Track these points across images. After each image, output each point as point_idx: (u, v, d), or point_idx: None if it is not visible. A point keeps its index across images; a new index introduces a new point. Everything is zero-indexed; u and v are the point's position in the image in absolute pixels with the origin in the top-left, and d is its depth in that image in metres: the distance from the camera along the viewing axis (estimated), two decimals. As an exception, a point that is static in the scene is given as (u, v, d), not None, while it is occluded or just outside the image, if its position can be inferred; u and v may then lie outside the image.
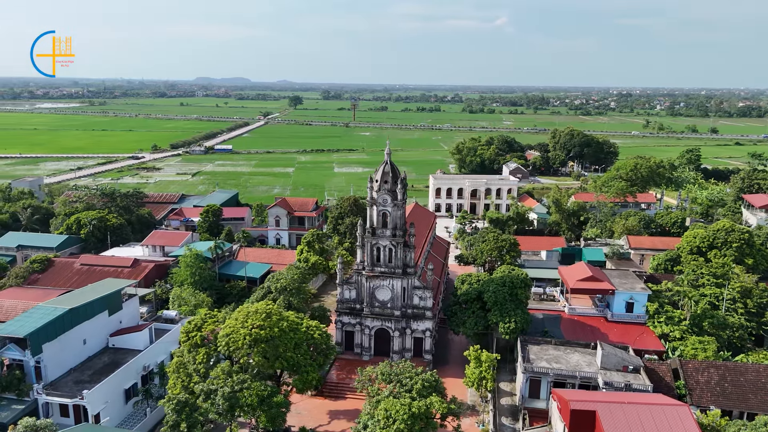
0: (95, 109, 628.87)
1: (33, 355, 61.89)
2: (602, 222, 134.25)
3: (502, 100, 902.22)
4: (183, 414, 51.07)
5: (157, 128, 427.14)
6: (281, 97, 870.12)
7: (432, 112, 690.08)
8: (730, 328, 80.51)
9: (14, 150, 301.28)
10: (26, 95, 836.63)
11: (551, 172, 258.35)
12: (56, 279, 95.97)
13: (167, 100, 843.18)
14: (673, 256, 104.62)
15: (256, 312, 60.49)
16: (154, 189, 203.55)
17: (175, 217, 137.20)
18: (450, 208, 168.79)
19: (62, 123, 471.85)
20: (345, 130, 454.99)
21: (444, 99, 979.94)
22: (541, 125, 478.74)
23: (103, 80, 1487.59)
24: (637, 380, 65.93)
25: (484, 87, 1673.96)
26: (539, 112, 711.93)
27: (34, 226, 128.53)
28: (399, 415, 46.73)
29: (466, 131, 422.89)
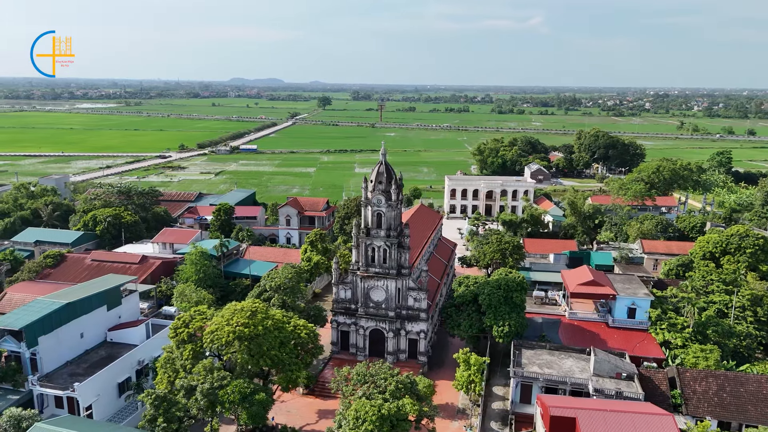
0: (130, 109, 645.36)
1: (28, 347, 63.80)
2: (617, 225, 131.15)
3: (533, 101, 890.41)
4: (161, 409, 51.91)
5: (187, 128, 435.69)
6: (311, 98, 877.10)
7: (460, 112, 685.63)
8: (737, 337, 77.74)
9: (49, 148, 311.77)
10: (66, 96, 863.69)
11: (575, 174, 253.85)
12: (67, 274, 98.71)
13: (200, 100, 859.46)
14: (686, 261, 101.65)
15: (241, 310, 61.06)
16: (177, 187, 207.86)
17: (189, 215, 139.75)
18: (465, 209, 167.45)
19: (97, 123, 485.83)
20: (370, 130, 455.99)
21: (474, 99, 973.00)
22: (570, 126, 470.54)
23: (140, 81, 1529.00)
24: (629, 388, 64.26)
25: (516, 87, 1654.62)
26: (570, 113, 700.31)
27: (54, 223, 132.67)
28: (368, 416, 46.60)
29: (493, 132, 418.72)
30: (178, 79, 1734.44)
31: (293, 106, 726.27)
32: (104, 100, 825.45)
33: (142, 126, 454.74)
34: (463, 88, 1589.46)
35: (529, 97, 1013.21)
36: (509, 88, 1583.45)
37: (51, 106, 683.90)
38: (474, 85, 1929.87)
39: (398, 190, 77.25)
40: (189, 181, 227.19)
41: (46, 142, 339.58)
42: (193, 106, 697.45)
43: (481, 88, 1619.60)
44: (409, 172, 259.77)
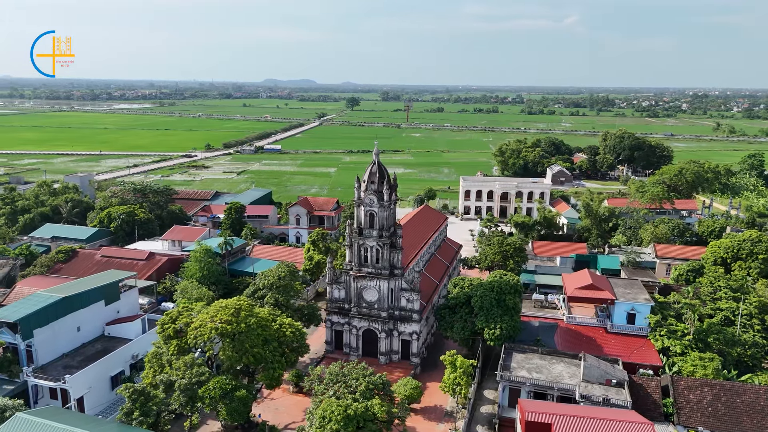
0: (164, 109, 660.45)
1: (24, 339, 65.81)
2: (631, 229, 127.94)
3: (564, 102, 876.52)
4: (138, 402, 52.92)
5: (216, 128, 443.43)
6: (341, 99, 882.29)
7: (489, 113, 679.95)
8: (742, 346, 74.94)
9: (81, 147, 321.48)
10: (104, 96, 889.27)
11: (599, 176, 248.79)
12: (77, 269, 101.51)
13: (232, 101, 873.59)
14: (696, 266, 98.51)
15: (225, 307, 61.79)
16: (200, 186, 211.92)
17: (202, 213, 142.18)
18: (479, 210, 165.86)
19: (131, 123, 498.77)
20: (396, 131, 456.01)
21: (504, 100, 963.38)
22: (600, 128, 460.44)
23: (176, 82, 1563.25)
24: (618, 395, 62.60)
25: (550, 88, 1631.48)
26: (602, 114, 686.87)
27: (73, 219, 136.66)
28: (333, 416, 46.59)
29: (520, 133, 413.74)
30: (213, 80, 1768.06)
31: (322, 107, 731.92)
32: (140, 100, 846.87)
33: (172, 126, 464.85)
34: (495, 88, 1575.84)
35: (561, 97, 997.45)
36: (542, 89, 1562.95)
37: (90, 107, 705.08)
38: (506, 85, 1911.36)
39: (391, 191, 76.98)
40: (211, 180, 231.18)
41: (80, 141, 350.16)
42: (224, 107, 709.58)
43: (514, 88, 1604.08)
44: (430, 173, 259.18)
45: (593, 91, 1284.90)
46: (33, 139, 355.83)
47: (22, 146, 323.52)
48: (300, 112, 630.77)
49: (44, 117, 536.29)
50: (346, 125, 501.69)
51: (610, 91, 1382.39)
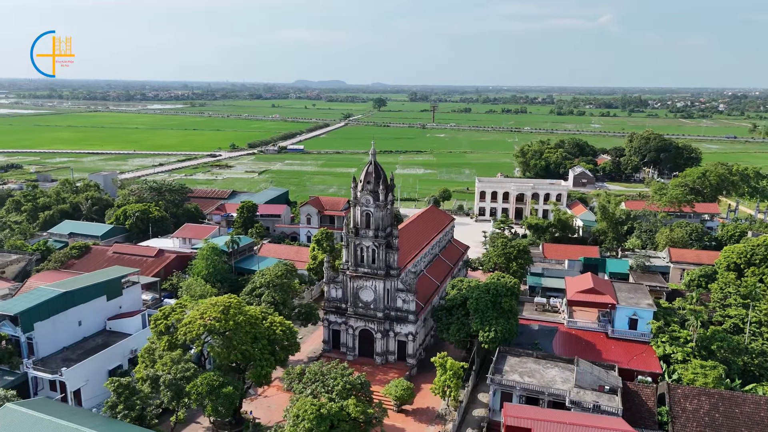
0: (194, 110, 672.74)
1: (24, 332, 67.90)
2: (647, 232, 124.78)
3: (596, 102, 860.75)
4: (122, 396, 53.91)
5: (243, 128, 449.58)
6: (369, 100, 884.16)
7: (517, 113, 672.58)
8: (749, 354, 72.32)
9: (111, 146, 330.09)
10: (139, 97, 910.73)
11: (623, 178, 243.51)
12: (89, 264, 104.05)
13: (262, 101, 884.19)
14: (709, 272, 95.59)
15: (215, 304, 62.49)
16: (221, 185, 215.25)
17: (216, 212, 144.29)
18: (495, 212, 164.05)
19: (162, 123, 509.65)
20: (420, 131, 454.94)
21: (534, 100, 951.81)
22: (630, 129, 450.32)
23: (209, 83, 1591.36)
24: (610, 402, 61.07)
25: (582, 88, 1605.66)
26: (634, 115, 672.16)
27: (93, 216, 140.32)
28: (306, 414, 46.66)
29: (546, 134, 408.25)
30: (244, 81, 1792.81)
31: (350, 107, 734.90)
32: (173, 101, 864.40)
33: (201, 126, 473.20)
34: (526, 89, 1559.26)
35: (592, 98, 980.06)
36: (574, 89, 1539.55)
37: (124, 107, 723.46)
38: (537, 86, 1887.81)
39: (387, 191, 76.67)
40: (232, 180, 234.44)
41: (110, 140, 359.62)
42: (254, 107, 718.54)
43: (545, 89, 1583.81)
44: (451, 174, 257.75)
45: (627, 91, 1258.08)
46: (67, 139, 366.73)
47: (55, 145, 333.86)
48: (327, 113, 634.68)
49: (80, 117, 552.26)
50: (371, 126, 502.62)
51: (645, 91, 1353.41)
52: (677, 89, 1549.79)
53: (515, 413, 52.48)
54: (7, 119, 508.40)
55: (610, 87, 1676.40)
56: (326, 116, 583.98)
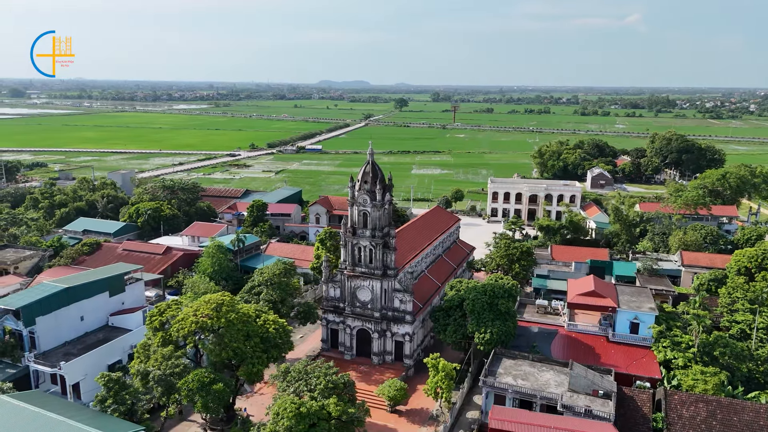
0: (218, 110, 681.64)
1: (26, 326, 69.48)
2: (660, 235, 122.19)
3: (622, 102, 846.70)
4: (112, 391, 54.80)
5: (264, 128, 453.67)
6: (391, 100, 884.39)
7: (540, 114, 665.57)
8: (754, 361, 70.30)
9: (134, 146, 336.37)
10: (165, 97, 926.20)
11: (643, 179, 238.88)
12: (99, 261, 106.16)
13: (285, 102, 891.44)
14: (720, 276, 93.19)
15: (208, 302, 63.16)
16: (238, 184, 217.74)
17: (228, 210, 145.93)
18: (507, 213, 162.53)
19: (185, 122, 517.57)
20: (440, 131, 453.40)
21: (559, 101, 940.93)
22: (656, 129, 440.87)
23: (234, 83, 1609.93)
24: (603, 407, 59.97)
25: (608, 88, 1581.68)
26: (661, 115, 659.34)
27: (108, 214, 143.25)
28: (285, 413, 46.84)
29: (569, 134, 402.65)
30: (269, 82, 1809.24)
31: (371, 108, 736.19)
32: (198, 101, 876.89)
33: (223, 126, 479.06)
34: (551, 89, 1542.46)
35: (618, 98, 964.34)
36: (600, 89, 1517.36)
37: (151, 107, 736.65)
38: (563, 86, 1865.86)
39: (384, 191, 76.52)
40: (249, 179, 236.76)
41: (134, 140, 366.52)
42: (276, 108, 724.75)
43: (570, 89, 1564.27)
44: (468, 174, 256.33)
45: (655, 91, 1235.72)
46: (92, 138, 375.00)
47: (81, 144, 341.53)
48: (348, 113, 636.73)
49: (107, 117, 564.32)
50: (391, 126, 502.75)
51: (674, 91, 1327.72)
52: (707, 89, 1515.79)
53: (500, 416, 51.89)
54: (37, 119, 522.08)
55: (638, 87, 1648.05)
56: (347, 116, 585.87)
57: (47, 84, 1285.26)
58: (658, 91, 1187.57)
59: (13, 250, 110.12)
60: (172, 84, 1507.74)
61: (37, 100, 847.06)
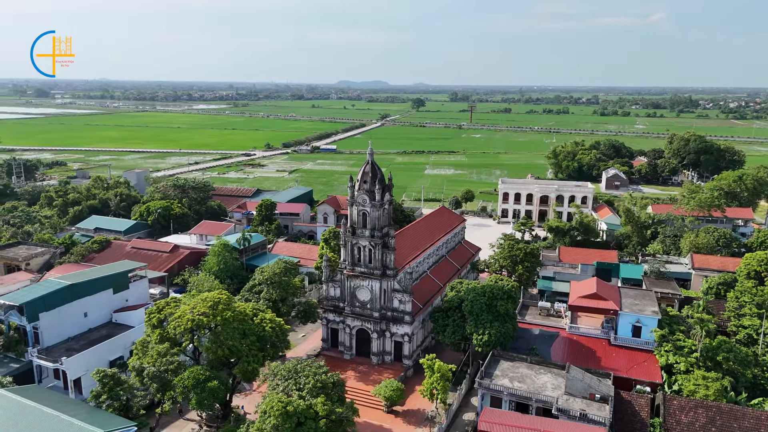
0: (236, 110, 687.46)
1: (29, 321, 70.82)
2: (671, 237, 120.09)
3: (643, 102, 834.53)
4: (106, 387, 55.54)
5: (281, 128, 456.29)
6: (409, 100, 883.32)
7: (559, 114, 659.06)
8: (760, 367, 68.66)
9: (152, 145, 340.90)
10: (185, 98, 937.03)
11: (659, 180, 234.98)
12: (108, 258, 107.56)
13: (303, 102, 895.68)
14: (729, 279, 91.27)
15: (204, 300, 63.64)
16: (251, 183, 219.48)
17: (238, 209, 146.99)
18: (518, 214, 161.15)
19: (203, 122, 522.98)
20: (456, 131, 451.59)
21: (578, 101, 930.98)
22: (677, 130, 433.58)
23: (254, 84, 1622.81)
24: (599, 411, 59.14)
25: (630, 88, 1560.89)
26: (683, 116, 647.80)
27: (120, 212, 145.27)
28: (272, 411, 47.01)
29: (587, 135, 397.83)
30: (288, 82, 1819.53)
31: (388, 108, 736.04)
32: (217, 101, 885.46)
33: (240, 126, 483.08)
34: (571, 89, 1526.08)
35: (639, 98, 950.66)
36: (622, 89, 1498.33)
37: (171, 107, 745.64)
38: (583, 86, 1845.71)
39: (383, 191, 76.40)
40: (263, 178, 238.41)
41: (152, 139, 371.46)
42: (294, 108, 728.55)
43: (591, 89, 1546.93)
44: (481, 175, 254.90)
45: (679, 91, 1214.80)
46: (112, 137, 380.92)
47: (101, 143, 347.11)
48: (365, 113, 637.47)
49: (127, 117, 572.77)
50: (407, 126, 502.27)
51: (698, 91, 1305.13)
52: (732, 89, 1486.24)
53: (489, 418, 51.45)
54: (60, 118, 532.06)
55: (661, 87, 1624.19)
56: (364, 116, 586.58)
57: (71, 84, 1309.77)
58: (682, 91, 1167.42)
59: (25, 247, 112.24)
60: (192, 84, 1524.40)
61: (61, 100, 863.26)
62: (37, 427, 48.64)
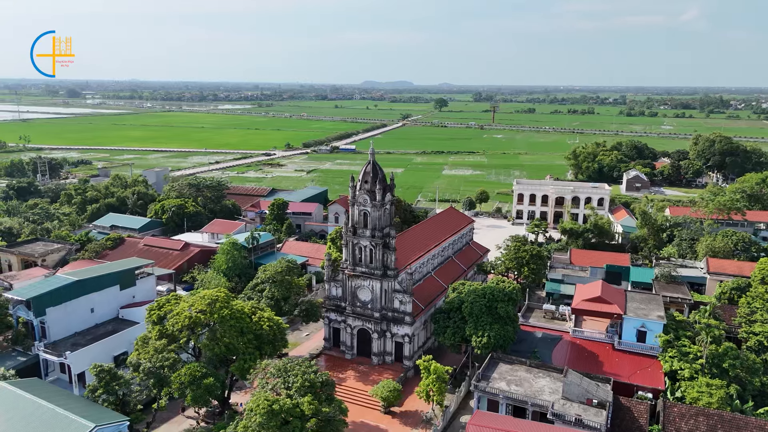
0: (260, 110, 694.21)
1: (36, 316, 72.44)
2: (686, 240, 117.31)
3: (672, 103, 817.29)
4: (102, 381, 56.51)
5: (303, 128, 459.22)
6: (432, 100, 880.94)
7: (584, 114, 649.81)
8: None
9: (176, 145, 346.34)
10: (211, 98, 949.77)
11: (683, 182, 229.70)
12: (121, 255, 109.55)
13: (326, 102, 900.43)
14: (743, 284, 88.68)
15: (203, 297, 64.34)
16: (270, 183, 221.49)
17: (251, 208, 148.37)
18: (532, 215, 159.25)
19: (227, 122, 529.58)
20: (477, 132, 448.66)
21: (605, 101, 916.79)
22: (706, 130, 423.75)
23: (279, 84, 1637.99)
24: (596, 417, 58.07)
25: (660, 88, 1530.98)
26: (713, 116, 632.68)
27: (137, 210, 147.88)
28: (258, 409, 47.28)
29: (611, 135, 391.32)
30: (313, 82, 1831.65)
31: (411, 108, 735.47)
32: (242, 101, 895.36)
33: (263, 126, 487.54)
34: (599, 89, 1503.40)
35: (669, 98, 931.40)
36: (651, 89, 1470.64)
37: (197, 107, 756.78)
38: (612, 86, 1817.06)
39: (384, 191, 76.26)
40: (281, 178, 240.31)
41: (176, 139, 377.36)
42: (317, 108, 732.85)
43: (620, 89, 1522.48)
44: (500, 175, 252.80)
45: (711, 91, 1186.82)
46: (138, 137, 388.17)
47: (126, 143, 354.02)
48: (388, 113, 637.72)
49: (154, 117, 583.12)
50: (428, 126, 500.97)
51: (731, 91, 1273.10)
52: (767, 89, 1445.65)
53: (479, 422, 50.87)
54: (88, 118, 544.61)
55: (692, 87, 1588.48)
56: (386, 117, 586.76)
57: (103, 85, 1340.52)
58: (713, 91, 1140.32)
59: (42, 244, 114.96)
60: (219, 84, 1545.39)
61: (92, 100, 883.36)
62: (31, 418, 49.73)
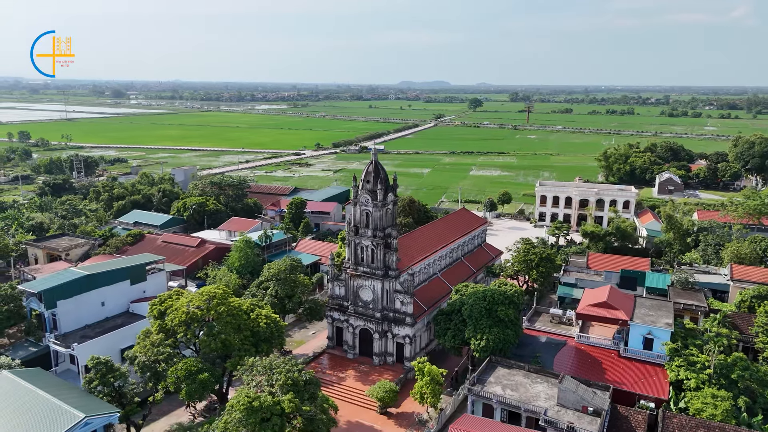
0: (296, 110, 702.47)
1: (47, 308, 74.94)
2: (712, 245, 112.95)
3: (718, 103, 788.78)
4: (99, 373, 58.03)
5: (335, 128, 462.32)
6: (467, 100, 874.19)
7: (623, 115, 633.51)
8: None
9: (209, 144, 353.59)
10: (249, 98, 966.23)
11: (720, 186, 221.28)
12: (140, 251, 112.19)
13: (361, 102, 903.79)
14: (764, 292, 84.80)
15: (201, 294, 65.45)
16: (296, 182, 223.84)
17: (271, 207, 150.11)
18: (555, 217, 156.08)
19: (262, 122, 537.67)
20: (510, 132, 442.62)
21: (647, 101, 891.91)
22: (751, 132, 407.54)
23: (316, 84, 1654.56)
24: (590, 425, 56.50)
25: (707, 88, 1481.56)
26: (760, 117, 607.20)
27: (162, 207, 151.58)
28: (238, 405, 47.69)
29: (650, 136, 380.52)
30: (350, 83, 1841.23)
31: (446, 108, 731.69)
32: (279, 102, 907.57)
33: (296, 126, 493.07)
34: (642, 88, 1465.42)
35: (715, 98, 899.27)
36: (697, 89, 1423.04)
37: (235, 107, 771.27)
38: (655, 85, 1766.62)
39: (386, 191, 75.91)
40: (308, 177, 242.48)
41: (210, 138, 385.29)
42: (351, 108, 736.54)
43: (663, 88, 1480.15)
44: (529, 177, 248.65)
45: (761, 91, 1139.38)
46: (173, 136, 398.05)
47: (162, 142, 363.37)
48: (421, 114, 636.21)
49: (191, 116, 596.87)
50: (461, 126, 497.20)
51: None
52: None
53: (462, 426, 50.09)
54: (129, 118, 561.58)
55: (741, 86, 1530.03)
56: (419, 117, 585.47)
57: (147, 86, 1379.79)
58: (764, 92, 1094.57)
59: (68, 239, 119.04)
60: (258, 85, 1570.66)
61: (135, 100, 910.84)
62: (25, 407, 51.50)
